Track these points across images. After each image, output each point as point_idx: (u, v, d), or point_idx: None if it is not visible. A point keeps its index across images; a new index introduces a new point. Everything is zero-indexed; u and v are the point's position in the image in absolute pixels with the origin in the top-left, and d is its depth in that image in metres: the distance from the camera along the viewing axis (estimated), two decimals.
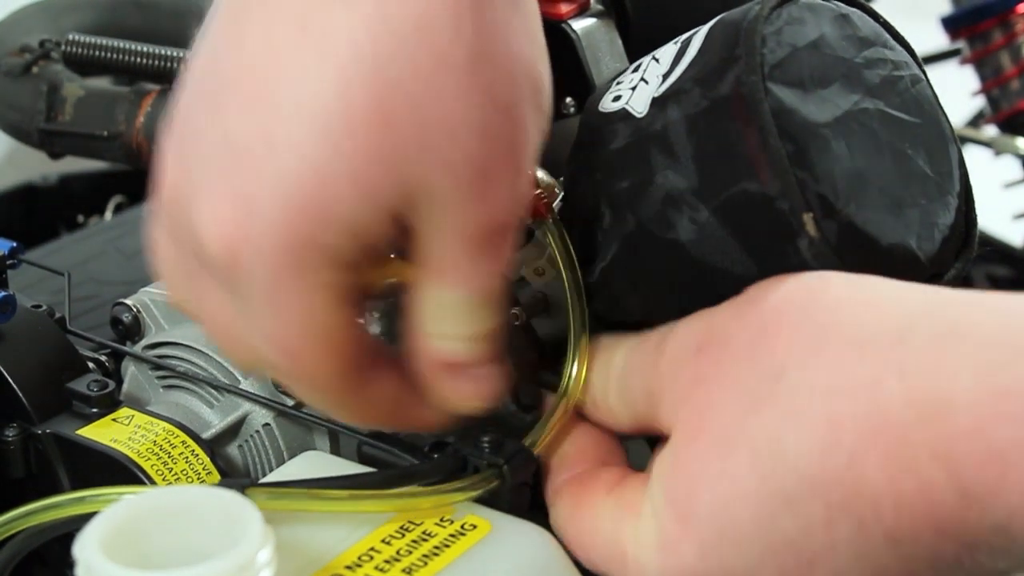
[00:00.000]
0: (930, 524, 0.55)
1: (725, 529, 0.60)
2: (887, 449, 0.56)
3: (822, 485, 0.57)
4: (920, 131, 0.67)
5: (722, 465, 0.60)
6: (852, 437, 0.57)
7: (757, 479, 0.59)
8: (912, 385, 0.56)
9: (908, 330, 0.57)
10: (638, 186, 0.67)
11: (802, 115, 0.63)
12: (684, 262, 0.65)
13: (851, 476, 0.57)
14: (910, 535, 0.56)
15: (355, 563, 0.63)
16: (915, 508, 0.55)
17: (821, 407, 0.58)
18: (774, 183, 0.62)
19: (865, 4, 0.69)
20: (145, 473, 0.73)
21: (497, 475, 0.67)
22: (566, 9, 0.84)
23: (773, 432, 0.59)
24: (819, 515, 0.58)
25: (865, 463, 0.56)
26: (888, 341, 0.58)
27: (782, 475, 0.58)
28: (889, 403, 0.56)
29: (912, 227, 0.65)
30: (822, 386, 0.58)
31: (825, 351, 0.59)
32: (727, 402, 0.61)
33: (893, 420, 0.56)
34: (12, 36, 1.03)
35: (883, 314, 0.59)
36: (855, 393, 0.57)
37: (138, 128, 0.93)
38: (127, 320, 0.84)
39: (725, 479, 0.60)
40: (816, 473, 0.58)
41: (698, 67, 0.66)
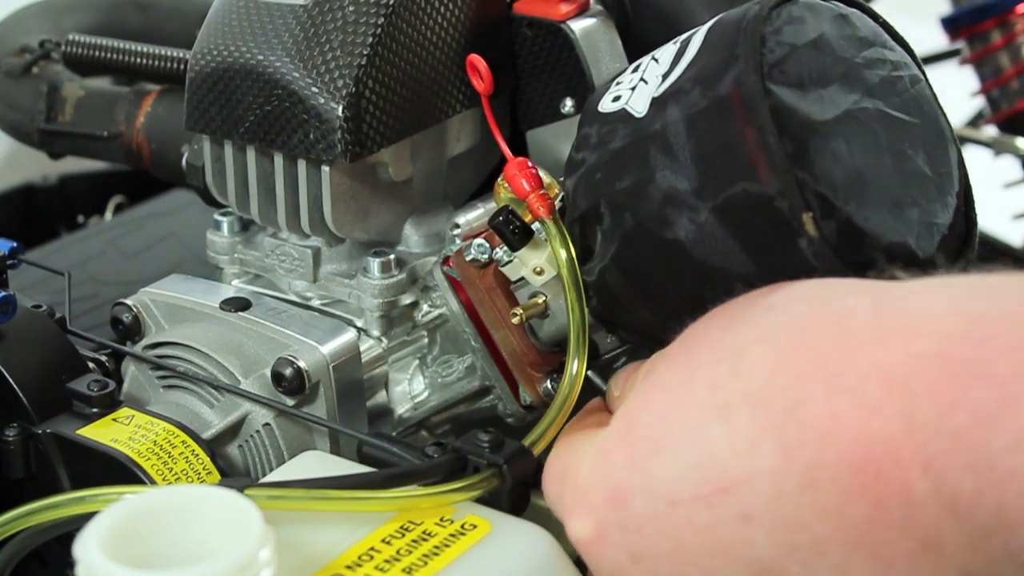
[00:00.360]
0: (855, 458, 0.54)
1: (660, 435, 0.60)
2: (837, 370, 0.56)
3: (761, 401, 0.57)
4: (919, 131, 0.67)
5: (685, 373, 0.61)
6: (805, 357, 0.57)
7: (709, 388, 0.60)
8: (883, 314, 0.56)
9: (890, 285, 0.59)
10: (637, 186, 0.67)
11: (802, 114, 0.63)
12: (683, 261, 0.66)
13: (790, 396, 0.57)
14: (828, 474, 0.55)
15: (355, 563, 0.63)
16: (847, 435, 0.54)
17: (791, 329, 0.58)
18: (773, 182, 0.63)
19: (864, 4, 0.69)
20: (145, 473, 0.73)
21: (497, 475, 0.68)
22: (565, 10, 0.85)
23: (741, 348, 0.59)
24: (747, 434, 0.57)
25: (808, 383, 0.56)
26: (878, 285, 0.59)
27: (731, 387, 0.59)
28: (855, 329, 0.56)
29: (911, 226, 0.65)
30: (802, 314, 0.59)
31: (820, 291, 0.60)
32: (710, 327, 0.62)
33: (854, 345, 0.56)
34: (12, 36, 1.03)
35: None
36: (826, 319, 0.58)
37: (138, 128, 0.93)
38: (127, 320, 0.84)
39: (682, 386, 0.61)
40: (759, 389, 0.58)
41: (698, 67, 0.66)
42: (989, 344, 0.52)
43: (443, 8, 0.81)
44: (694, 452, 0.59)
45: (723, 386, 0.59)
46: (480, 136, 0.86)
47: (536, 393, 0.78)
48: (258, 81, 0.78)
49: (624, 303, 0.70)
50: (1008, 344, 0.52)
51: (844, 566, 0.56)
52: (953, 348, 0.53)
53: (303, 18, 0.78)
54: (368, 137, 0.77)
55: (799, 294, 0.61)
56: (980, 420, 0.51)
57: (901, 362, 0.54)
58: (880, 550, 0.55)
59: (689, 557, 0.59)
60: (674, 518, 0.59)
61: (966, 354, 0.53)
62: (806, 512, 0.56)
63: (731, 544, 0.58)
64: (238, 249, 0.86)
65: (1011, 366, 0.51)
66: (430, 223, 0.85)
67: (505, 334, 0.77)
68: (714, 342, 0.61)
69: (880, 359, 0.55)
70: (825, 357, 0.56)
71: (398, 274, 0.82)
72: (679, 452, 0.60)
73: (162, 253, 1.09)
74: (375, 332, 0.82)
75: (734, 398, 0.58)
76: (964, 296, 0.55)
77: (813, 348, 0.57)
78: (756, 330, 0.60)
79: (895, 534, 0.54)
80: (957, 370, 0.52)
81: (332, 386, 0.79)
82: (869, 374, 0.55)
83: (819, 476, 0.55)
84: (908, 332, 0.55)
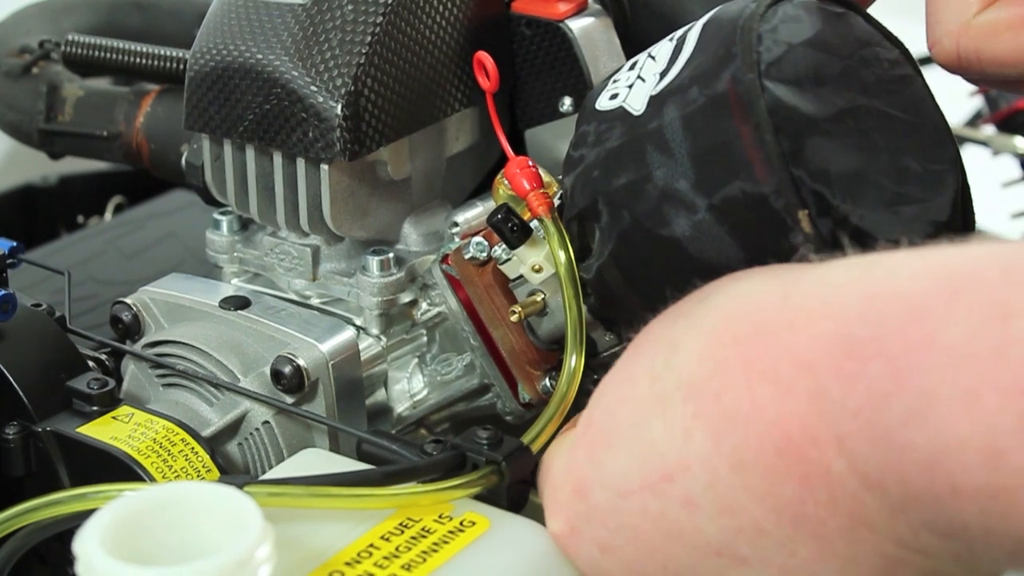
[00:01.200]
0: (775, 440, 0.55)
1: (610, 429, 0.62)
2: (754, 355, 0.57)
3: (692, 389, 0.59)
4: (916, 130, 0.67)
5: (628, 369, 0.63)
6: (728, 345, 0.58)
7: (648, 381, 0.61)
8: (792, 300, 0.58)
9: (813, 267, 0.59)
10: (635, 183, 0.67)
11: (798, 112, 0.64)
12: (680, 259, 0.66)
13: (716, 383, 0.58)
14: (754, 455, 0.56)
15: (354, 559, 0.63)
16: (765, 417, 0.56)
17: (717, 319, 0.60)
18: (769, 180, 0.63)
19: (858, 7, 0.69)
20: (145, 471, 0.73)
21: (496, 472, 0.68)
22: (564, 9, 0.85)
23: (675, 340, 0.61)
24: (682, 422, 0.59)
25: (730, 369, 0.58)
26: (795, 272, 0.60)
27: (667, 379, 0.61)
28: (769, 315, 0.58)
29: (908, 225, 0.65)
30: (727, 304, 0.61)
31: (745, 281, 0.61)
32: (656, 323, 0.64)
33: (768, 330, 0.57)
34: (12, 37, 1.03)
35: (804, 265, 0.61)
36: (745, 308, 0.59)
37: (137, 128, 0.94)
38: (127, 319, 0.84)
39: (626, 382, 0.63)
40: (690, 377, 0.59)
41: (694, 65, 0.66)
42: (882, 322, 0.53)
43: (442, 7, 0.81)
44: (639, 444, 0.61)
45: (660, 378, 0.61)
46: (479, 135, 0.87)
47: (535, 391, 0.78)
48: (257, 80, 0.78)
49: (622, 300, 0.70)
50: (899, 321, 0.53)
51: (788, 545, 0.57)
52: (850, 328, 0.54)
53: (302, 17, 0.78)
54: (367, 136, 0.78)
55: (726, 285, 0.62)
56: (876, 396, 0.53)
57: (807, 345, 0.55)
58: (816, 529, 0.56)
59: (649, 545, 0.61)
60: (629, 508, 0.61)
61: (861, 332, 0.54)
62: (740, 495, 0.58)
63: (682, 530, 0.60)
64: (237, 248, 0.87)
65: (901, 342, 0.52)
66: (429, 221, 0.85)
67: (504, 332, 0.78)
68: (655, 336, 0.63)
69: (790, 343, 0.56)
70: (744, 344, 0.58)
71: (397, 272, 0.82)
72: (626, 444, 0.62)
73: (162, 253, 1.09)
74: (374, 330, 0.82)
75: (669, 389, 0.60)
76: (862, 277, 0.56)
77: (734, 337, 0.59)
78: (688, 321, 0.62)
79: (825, 512, 0.55)
80: (854, 349, 0.54)
81: (331, 384, 0.79)
82: (781, 358, 0.56)
83: (746, 459, 0.57)
84: (813, 315, 0.56)
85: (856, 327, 0.54)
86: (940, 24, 0.71)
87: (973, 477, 0.50)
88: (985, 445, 0.50)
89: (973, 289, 0.52)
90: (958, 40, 0.70)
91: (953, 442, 0.51)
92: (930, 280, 0.54)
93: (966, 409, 0.50)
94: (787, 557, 0.58)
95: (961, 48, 0.71)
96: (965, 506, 0.51)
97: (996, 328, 0.50)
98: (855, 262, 0.58)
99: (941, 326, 0.52)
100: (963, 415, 0.50)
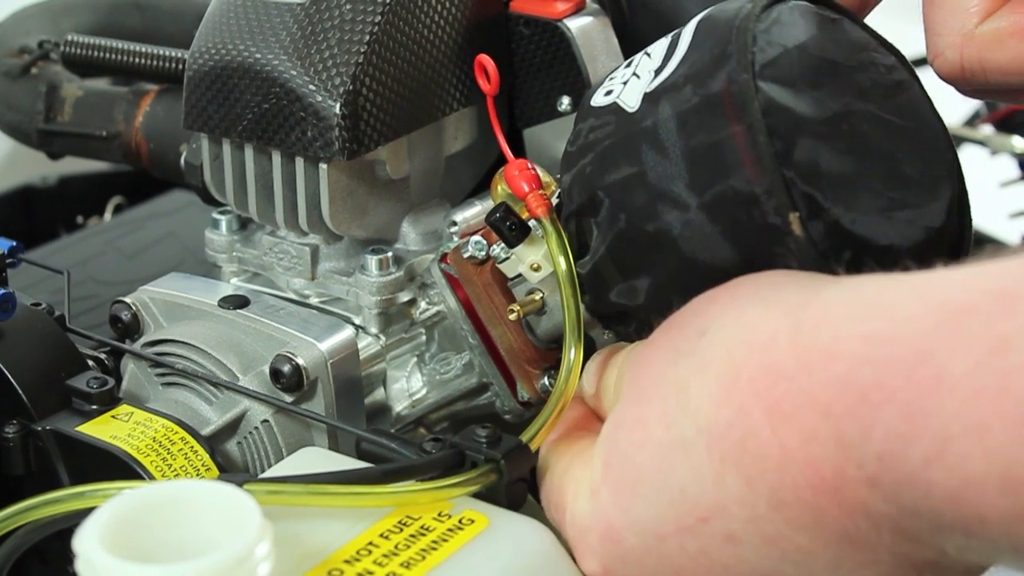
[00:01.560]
0: (811, 480, 0.55)
1: (633, 476, 0.62)
2: (773, 401, 0.57)
3: (715, 435, 0.59)
4: (911, 135, 0.67)
5: (638, 412, 0.63)
6: (744, 389, 0.58)
7: (664, 427, 0.61)
8: (801, 340, 0.57)
9: (814, 295, 0.59)
10: (628, 180, 0.67)
11: (792, 113, 0.64)
12: (673, 257, 0.66)
13: (739, 428, 0.58)
14: (792, 495, 0.56)
15: (353, 557, 0.63)
16: (797, 461, 0.56)
17: (724, 360, 0.59)
18: (761, 181, 0.63)
19: (852, 13, 0.69)
20: (144, 469, 0.74)
21: (495, 470, 0.68)
22: (562, 8, 0.85)
23: (683, 382, 0.61)
24: (710, 467, 0.59)
25: (752, 414, 0.57)
26: (794, 303, 0.59)
27: (683, 424, 0.60)
28: (780, 357, 0.57)
29: (902, 230, 0.65)
30: (731, 341, 0.60)
31: (745, 313, 0.61)
32: (655, 359, 0.63)
33: (782, 373, 0.57)
34: (11, 37, 1.03)
35: (800, 284, 0.61)
36: (753, 348, 0.59)
37: (136, 128, 0.94)
38: (126, 318, 0.84)
39: (639, 426, 0.62)
40: (710, 424, 0.59)
41: (689, 63, 0.66)
42: (889, 365, 0.53)
43: (440, 6, 0.81)
44: (666, 490, 0.61)
45: (675, 423, 0.61)
46: (477, 134, 0.87)
47: (533, 390, 0.78)
48: (256, 79, 0.78)
49: (616, 297, 0.70)
50: (905, 364, 0.53)
51: (835, 561, 0.57)
52: (860, 371, 0.54)
53: (300, 16, 0.78)
54: (366, 135, 0.78)
55: (723, 316, 0.61)
56: (894, 442, 0.53)
57: (823, 387, 0.55)
58: (863, 545, 0.56)
59: None
60: (666, 549, 0.61)
61: (870, 377, 0.54)
62: (783, 528, 0.57)
63: (725, 563, 0.60)
64: (236, 247, 0.87)
65: (910, 386, 0.52)
66: (427, 221, 0.85)
67: (502, 331, 0.78)
68: (659, 376, 0.63)
69: (806, 387, 0.56)
70: (761, 387, 0.57)
71: (396, 271, 0.82)
72: (654, 491, 0.61)
73: (161, 253, 1.09)
74: (373, 329, 0.82)
75: (688, 435, 0.60)
76: (865, 315, 0.56)
77: (749, 379, 0.58)
78: (693, 361, 0.61)
79: (869, 533, 0.56)
80: (866, 393, 0.54)
81: (330, 383, 0.79)
82: (801, 402, 0.56)
83: (785, 497, 0.57)
84: (824, 356, 0.56)
85: (865, 371, 0.54)
86: (942, 36, 0.71)
87: (996, 507, 0.51)
88: (1003, 476, 0.50)
89: (971, 325, 0.52)
90: (962, 51, 0.71)
91: (973, 477, 0.51)
92: (930, 315, 0.53)
93: (980, 444, 0.51)
94: (833, 571, 0.58)
95: (965, 59, 0.71)
96: (994, 532, 0.52)
97: (996, 361, 0.51)
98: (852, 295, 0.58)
99: (945, 366, 0.52)
100: (978, 450, 0.51)
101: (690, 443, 0.60)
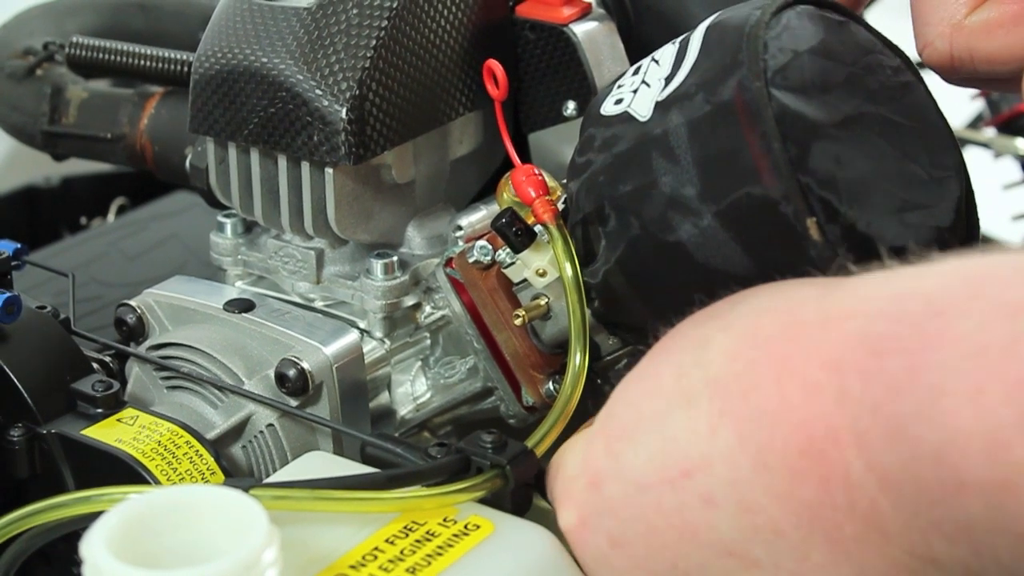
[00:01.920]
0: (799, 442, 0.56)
1: (632, 422, 0.63)
2: (785, 354, 0.57)
3: (720, 386, 0.59)
4: (920, 136, 0.67)
5: (654, 365, 0.64)
6: (760, 345, 0.59)
7: (675, 377, 0.62)
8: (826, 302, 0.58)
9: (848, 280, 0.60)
10: (641, 190, 0.67)
11: (805, 119, 0.64)
12: (686, 265, 0.66)
13: (746, 381, 0.58)
14: (777, 458, 0.57)
15: (359, 562, 0.63)
16: (791, 418, 0.56)
17: (750, 320, 0.60)
18: (777, 187, 0.63)
19: (859, 17, 0.70)
20: (149, 473, 0.74)
21: (500, 476, 0.68)
22: (568, 13, 0.85)
23: (705, 338, 0.62)
24: (707, 419, 0.59)
25: (761, 368, 0.58)
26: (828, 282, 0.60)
27: (694, 375, 0.61)
28: (802, 316, 0.58)
29: (912, 231, 0.65)
30: (761, 306, 0.61)
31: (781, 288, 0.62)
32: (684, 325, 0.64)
33: (799, 329, 0.58)
34: (16, 38, 1.03)
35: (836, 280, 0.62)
36: (779, 311, 0.60)
37: (142, 130, 0.94)
38: (131, 321, 0.84)
39: (651, 377, 0.63)
40: (718, 375, 0.60)
41: (700, 71, 0.66)
42: (903, 319, 0.54)
43: (446, 11, 0.81)
44: (659, 437, 0.61)
45: (687, 374, 0.61)
46: (483, 138, 0.87)
47: (538, 394, 0.78)
48: (262, 84, 0.78)
49: (626, 305, 0.70)
50: (918, 317, 0.54)
51: (803, 548, 0.58)
52: (874, 325, 0.55)
53: (307, 21, 0.78)
54: (371, 139, 0.78)
55: (762, 289, 0.63)
56: (891, 391, 0.53)
57: (837, 343, 0.56)
58: (832, 533, 0.56)
59: (661, 540, 0.61)
60: (644, 501, 0.62)
61: (883, 329, 0.54)
62: (761, 495, 0.58)
63: (697, 527, 0.60)
64: (241, 251, 0.87)
65: (919, 337, 0.53)
66: (432, 225, 0.85)
67: (507, 335, 0.78)
68: (684, 334, 0.64)
69: (821, 341, 0.57)
70: (777, 343, 0.58)
71: (401, 276, 0.82)
72: (647, 437, 0.62)
73: (165, 255, 1.09)
74: (378, 333, 0.82)
75: (695, 385, 0.61)
76: (891, 279, 0.57)
77: (767, 336, 0.59)
78: (721, 322, 0.62)
79: (842, 516, 0.56)
80: (876, 345, 0.54)
81: (335, 387, 0.79)
82: (811, 357, 0.56)
83: (769, 459, 0.57)
84: (844, 314, 0.57)
85: (880, 324, 0.55)
86: (930, 26, 0.72)
87: (977, 470, 0.51)
88: (988, 438, 0.51)
89: (985, 288, 0.53)
90: (951, 40, 0.71)
91: (959, 435, 0.51)
92: (952, 279, 0.54)
93: (971, 402, 0.51)
94: (800, 561, 0.58)
95: (954, 48, 0.71)
96: (971, 501, 0.51)
97: (1005, 324, 0.51)
98: (889, 272, 0.59)
99: (953, 322, 0.53)
100: (968, 408, 0.51)
101: (695, 393, 0.60)
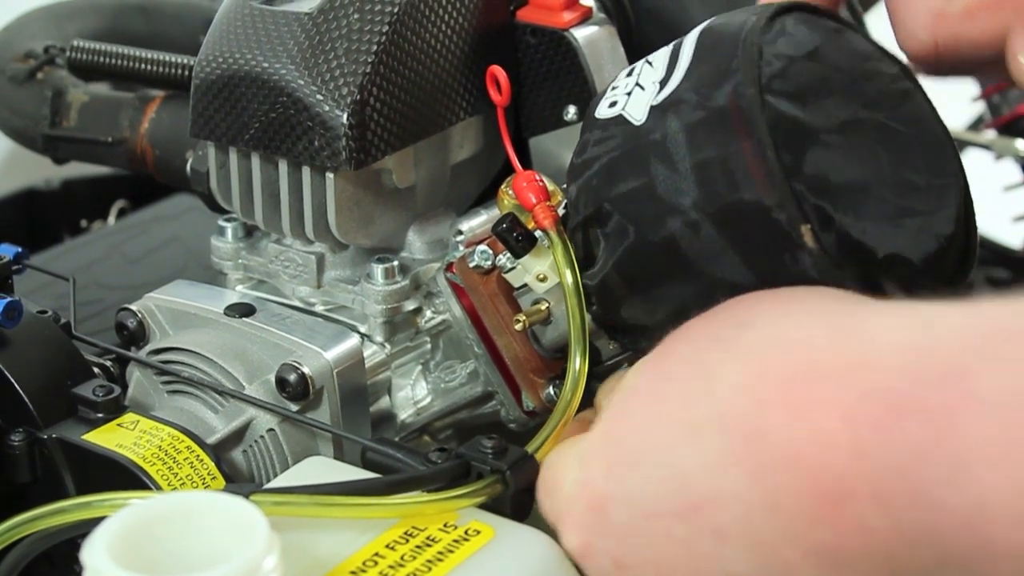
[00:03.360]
0: (813, 488, 0.55)
1: (635, 448, 0.62)
2: (797, 400, 0.56)
3: (729, 423, 0.58)
4: (918, 142, 0.67)
5: (658, 387, 0.62)
6: (770, 384, 0.58)
7: (681, 406, 0.61)
8: (837, 346, 0.57)
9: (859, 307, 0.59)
10: (637, 193, 0.67)
11: (799, 124, 0.64)
12: (683, 270, 0.66)
13: (756, 421, 0.57)
14: (791, 500, 0.56)
15: (360, 568, 0.64)
16: (805, 465, 0.55)
17: (758, 353, 0.59)
18: (771, 194, 0.63)
19: (855, 25, 0.70)
20: (150, 478, 0.74)
21: (500, 481, 0.68)
22: (568, 18, 0.85)
23: (713, 367, 0.60)
24: (716, 454, 0.58)
25: (772, 410, 0.57)
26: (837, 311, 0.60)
27: (701, 407, 0.60)
28: (813, 358, 0.57)
29: (911, 238, 0.65)
30: (769, 336, 0.60)
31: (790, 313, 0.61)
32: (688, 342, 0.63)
33: (811, 374, 0.57)
34: (17, 42, 1.03)
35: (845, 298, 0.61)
36: (788, 346, 0.59)
37: (142, 134, 0.94)
38: (132, 325, 0.84)
39: (655, 401, 0.62)
40: (727, 411, 0.59)
41: (695, 77, 0.66)
42: (921, 378, 0.53)
43: (447, 16, 0.81)
44: (667, 469, 0.60)
45: (693, 405, 0.60)
46: (483, 143, 0.87)
47: (539, 399, 0.78)
48: (263, 88, 0.78)
49: (624, 309, 0.70)
50: (936, 377, 0.53)
51: None
52: (891, 382, 0.54)
53: (308, 26, 0.79)
54: (372, 144, 0.78)
55: (769, 314, 0.61)
56: (914, 454, 0.52)
57: (850, 394, 0.55)
58: (850, 573, 0.56)
59: (670, 567, 0.61)
60: (652, 530, 0.61)
61: (901, 388, 0.54)
62: (774, 535, 0.57)
63: (708, 558, 0.59)
64: (242, 255, 0.87)
65: (939, 400, 0.52)
66: (433, 229, 0.85)
67: (508, 340, 0.78)
68: (690, 358, 0.63)
69: (834, 391, 0.56)
70: (788, 387, 0.57)
71: (401, 280, 0.82)
72: (653, 468, 0.61)
73: (165, 258, 1.09)
74: (378, 338, 0.82)
75: (703, 418, 0.60)
76: (904, 328, 0.56)
77: (779, 377, 0.58)
78: (729, 350, 0.61)
79: (860, 561, 0.55)
80: (894, 404, 0.53)
81: (336, 391, 0.79)
82: (825, 406, 0.55)
83: (783, 502, 0.56)
84: (859, 366, 0.56)
85: (896, 382, 0.54)
86: (911, 19, 0.71)
87: (1009, 535, 0.50)
88: (1018, 503, 0.50)
89: (1008, 346, 0.52)
90: (934, 30, 0.71)
91: (988, 502, 0.50)
92: (969, 336, 0.53)
93: (1001, 467, 0.50)
94: None
95: (939, 37, 0.71)
96: (1000, 565, 0.51)
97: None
98: (894, 310, 0.58)
99: (977, 385, 0.51)
100: (998, 473, 0.50)
101: (703, 427, 0.59)
